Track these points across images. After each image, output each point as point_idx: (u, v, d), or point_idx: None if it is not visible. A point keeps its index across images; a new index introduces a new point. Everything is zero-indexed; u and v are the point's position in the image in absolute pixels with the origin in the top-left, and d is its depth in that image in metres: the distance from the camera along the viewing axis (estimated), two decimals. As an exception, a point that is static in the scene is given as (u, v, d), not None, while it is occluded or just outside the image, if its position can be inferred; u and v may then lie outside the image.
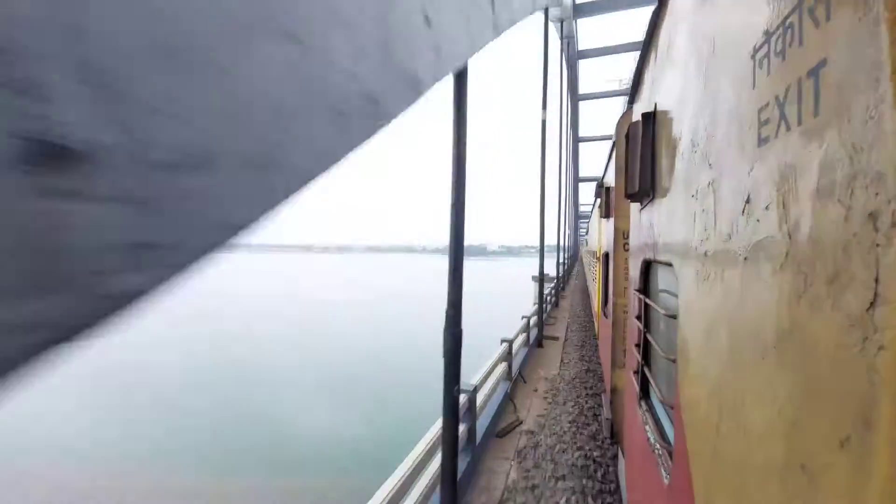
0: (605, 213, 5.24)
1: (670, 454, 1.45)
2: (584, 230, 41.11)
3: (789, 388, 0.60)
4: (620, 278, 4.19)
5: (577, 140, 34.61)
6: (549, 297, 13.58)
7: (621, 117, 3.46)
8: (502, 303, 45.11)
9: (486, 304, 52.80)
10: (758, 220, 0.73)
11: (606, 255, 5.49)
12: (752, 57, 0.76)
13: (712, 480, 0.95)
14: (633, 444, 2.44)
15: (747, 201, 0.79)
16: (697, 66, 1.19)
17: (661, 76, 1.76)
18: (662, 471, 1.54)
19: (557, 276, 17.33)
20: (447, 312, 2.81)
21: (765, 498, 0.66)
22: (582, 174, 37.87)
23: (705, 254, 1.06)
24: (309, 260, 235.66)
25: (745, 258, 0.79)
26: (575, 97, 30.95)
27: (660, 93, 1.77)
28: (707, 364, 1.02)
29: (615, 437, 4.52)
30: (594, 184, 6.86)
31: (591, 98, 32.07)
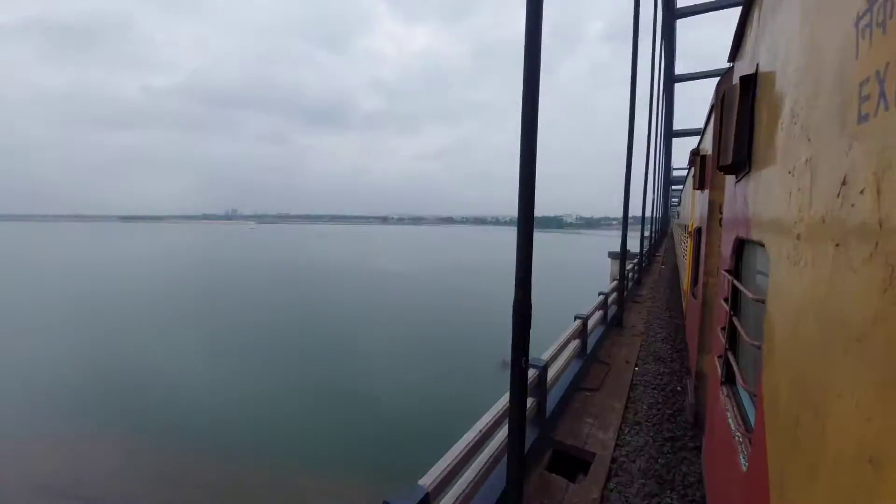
0: (699, 185, 4.74)
1: (750, 441, 1.42)
2: (676, 200, 36.90)
3: (868, 383, 0.58)
4: (713, 256, 3.86)
5: (671, 80, 26.89)
6: (630, 275, 12.68)
7: (722, 78, 3.06)
8: (571, 282, 43.28)
9: (556, 281, 51.37)
10: (852, 205, 0.68)
11: (698, 231, 5.03)
12: (856, 25, 0.68)
13: (787, 470, 0.93)
14: (714, 429, 2.34)
15: (843, 183, 0.72)
16: (802, 27, 1.05)
17: (764, 35, 1.55)
18: (741, 458, 1.50)
19: (641, 252, 15.89)
20: (516, 285, 2.77)
21: (833, 490, 0.66)
22: (677, 126, 29.77)
23: (798, 236, 0.98)
24: (385, 231, 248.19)
25: (837, 244, 0.74)
26: (671, 14, 23.20)
27: (761, 54, 1.56)
28: (792, 352, 0.98)
29: (699, 422, 4.30)
30: (690, 139, 6.10)
31: (692, 13, 23.17)
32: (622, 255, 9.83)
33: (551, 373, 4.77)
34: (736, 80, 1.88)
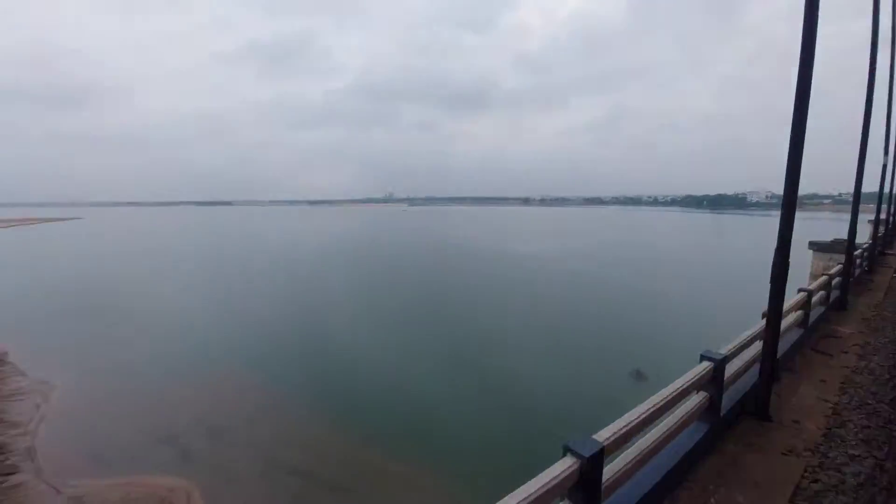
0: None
1: None
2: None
3: None
4: None
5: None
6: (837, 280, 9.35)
7: None
8: (731, 288, 34.34)
9: (708, 284, 42.35)
10: None
11: None
12: None
13: None
14: None
15: None
16: None
17: None
18: None
19: (875, 239, 11.84)
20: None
21: None
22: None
23: None
24: (526, 213, 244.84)
25: None
26: None
27: None
28: None
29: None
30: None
31: None
32: (849, 248, 7.35)
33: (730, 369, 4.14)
34: None
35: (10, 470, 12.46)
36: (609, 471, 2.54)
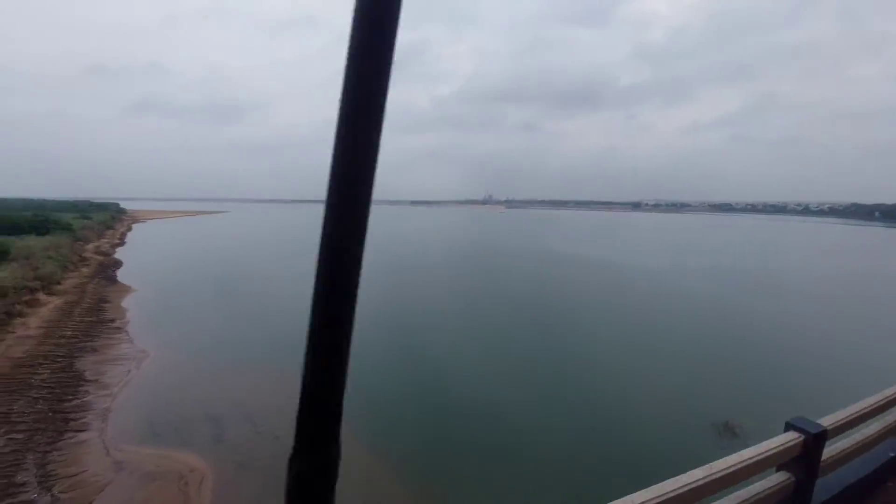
0: None
1: None
2: None
3: None
4: None
5: None
6: None
7: None
8: None
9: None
10: None
11: None
12: None
13: None
14: None
15: None
16: None
17: None
18: None
19: None
20: None
21: None
22: None
23: None
24: (634, 219, 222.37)
25: None
26: None
27: None
28: None
29: None
30: None
31: None
32: None
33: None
34: None
35: (82, 427, 14.63)
36: None
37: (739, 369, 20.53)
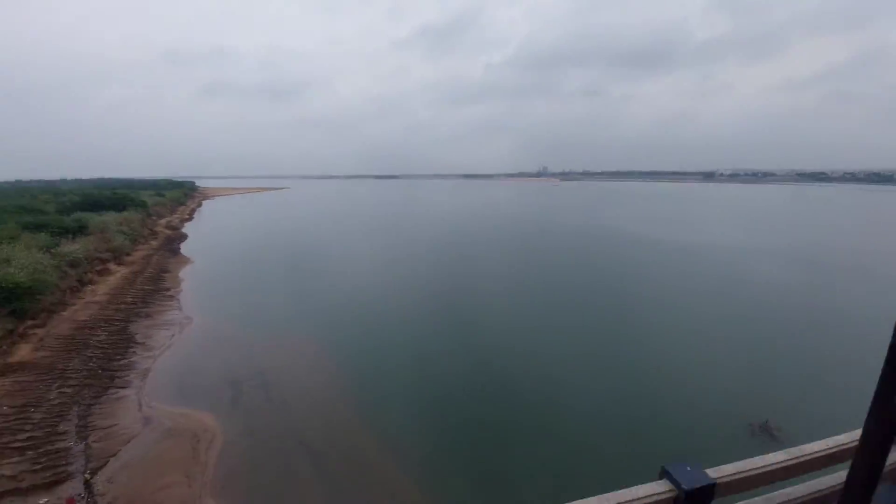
0: None
1: None
2: None
3: None
4: None
5: None
6: None
7: None
8: None
9: None
10: None
11: None
12: None
13: None
14: None
15: None
16: None
17: None
18: None
19: None
20: None
21: None
22: None
23: None
24: (705, 190, 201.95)
25: None
26: None
27: None
28: None
29: None
30: None
31: None
32: None
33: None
34: None
35: (124, 385, 16.45)
36: None
37: (811, 367, 18.12)
